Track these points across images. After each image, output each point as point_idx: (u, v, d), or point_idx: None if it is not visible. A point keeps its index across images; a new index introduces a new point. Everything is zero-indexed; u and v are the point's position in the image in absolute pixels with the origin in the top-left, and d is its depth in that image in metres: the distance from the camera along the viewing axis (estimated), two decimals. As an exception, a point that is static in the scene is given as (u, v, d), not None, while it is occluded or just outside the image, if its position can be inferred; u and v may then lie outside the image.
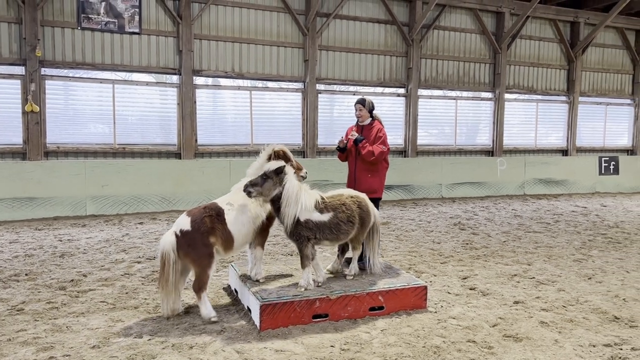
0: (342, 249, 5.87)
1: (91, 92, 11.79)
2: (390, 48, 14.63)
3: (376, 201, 6.28)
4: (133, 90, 12.19)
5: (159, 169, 11.87)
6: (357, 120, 6.51)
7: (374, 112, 6.46)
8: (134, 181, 11.50)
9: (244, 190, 5.03)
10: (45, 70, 11.25)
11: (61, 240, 8.80)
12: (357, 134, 6.31)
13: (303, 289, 5.17)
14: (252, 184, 5.01)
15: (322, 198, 5.36)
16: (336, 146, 6.56)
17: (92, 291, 6.05)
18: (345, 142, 6.43)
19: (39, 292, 6.00)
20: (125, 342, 4.59)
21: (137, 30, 11.81)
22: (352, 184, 6.37)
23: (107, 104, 11.88)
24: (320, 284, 5.37)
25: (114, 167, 11.41)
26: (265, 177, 5.01)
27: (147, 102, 12.33)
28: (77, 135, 11.66)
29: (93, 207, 11.12)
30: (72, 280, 6.44)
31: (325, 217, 5.23)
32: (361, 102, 6.39)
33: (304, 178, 5.77)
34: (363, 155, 6.16)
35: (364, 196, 5.69)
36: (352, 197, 5.55)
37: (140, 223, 10.50)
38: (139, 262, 7.42)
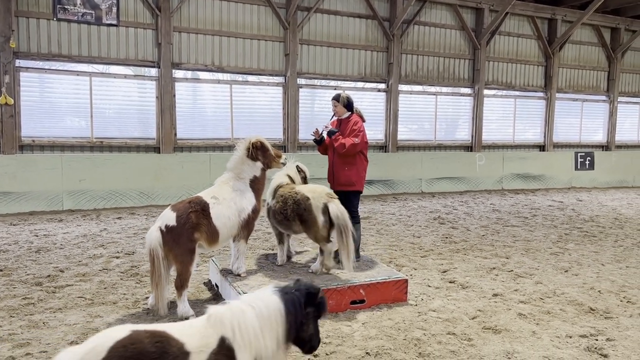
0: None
1: (67, 85, 11.55)
2: (371, 43, 14.65)
3: (356, 194, 6.33)
4: (111, 83, 11.98)
5: (137, 163, 11.70)
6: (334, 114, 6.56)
7: (354, 106, 6.49)
8: (112, 175, 11.31)
9: None
10: (19, 62, 10.98)
11: (37, 236, 8.62)
12: (331, 127, 6.39)
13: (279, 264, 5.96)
14: None
15: (280, 186, 5.81)
16: (313, 138, 6.60)
17: (70, 286, 5.95)
18: (321, 134, 6.51)
19: (14, 287, 5.88)
20: (104, 337, 4.52)
21: (114, 22, 11.60)
22: (330, 177, 6.46)
23: (84, 97, 11.64)
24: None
25: (91, 161, 11.22)
26: None
27: (125, 95, 12.13)
28: (53, 129, 11.42)
29: (70, 202, 10.92)
30: (49, 276, 6.32)
31: (272, 202, 5.77)
32: (335, 98, 6.43)
33: (283, 164, 5.88)
34: (336, 148, 6.21)
35: (312, 195, 5.50)
36: (296, 192, 5.57)
37: (119, 218, 10.35)
38: (117, 257, 7.32)
